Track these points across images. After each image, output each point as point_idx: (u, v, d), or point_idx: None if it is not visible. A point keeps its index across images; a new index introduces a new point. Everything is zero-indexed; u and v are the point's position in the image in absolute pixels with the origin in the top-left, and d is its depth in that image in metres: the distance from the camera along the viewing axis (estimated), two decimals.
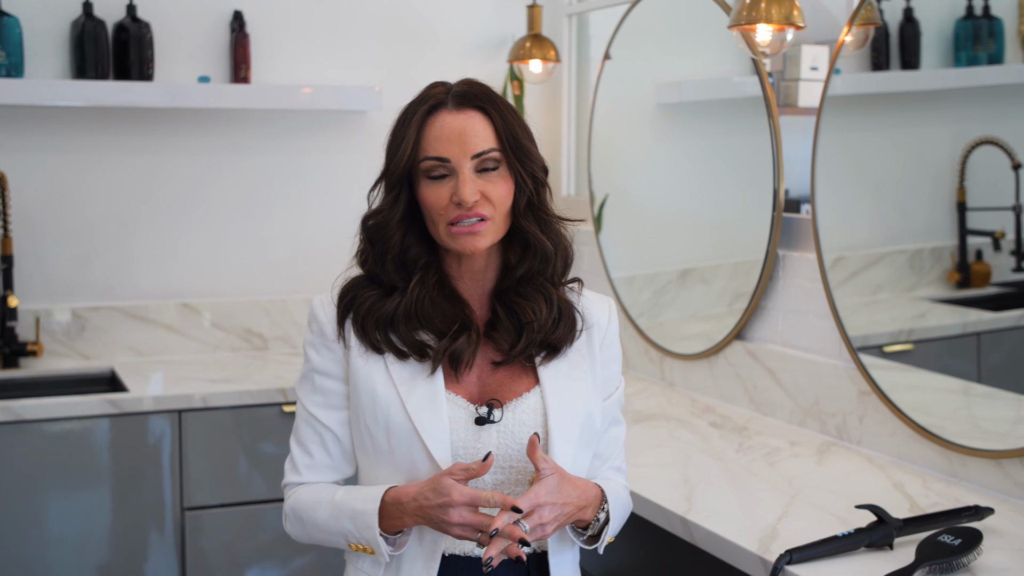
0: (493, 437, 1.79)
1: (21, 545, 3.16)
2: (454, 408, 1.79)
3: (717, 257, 3.32)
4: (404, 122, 1.81)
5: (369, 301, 1.82)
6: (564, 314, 1.85)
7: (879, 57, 2.79)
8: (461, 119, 1.78)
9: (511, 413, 1.80)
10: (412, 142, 1.78)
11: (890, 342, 2.80)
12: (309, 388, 1.87)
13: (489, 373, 1.83)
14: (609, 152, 3.75)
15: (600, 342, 1.91)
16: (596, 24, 3.98)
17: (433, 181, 1.78)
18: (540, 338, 1.82)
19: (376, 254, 1.82)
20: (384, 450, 1.79)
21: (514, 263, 1.84)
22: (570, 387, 1.84)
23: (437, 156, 1.77)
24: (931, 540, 1.99)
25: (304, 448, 1.87)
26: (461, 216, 1.75)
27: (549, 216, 1.85)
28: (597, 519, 1.82)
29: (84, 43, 3.53)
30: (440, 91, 1.82)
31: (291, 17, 3.87)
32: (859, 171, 2.86)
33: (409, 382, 1.79)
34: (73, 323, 3.69)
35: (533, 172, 1.82)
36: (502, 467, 1.79)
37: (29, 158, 3.62)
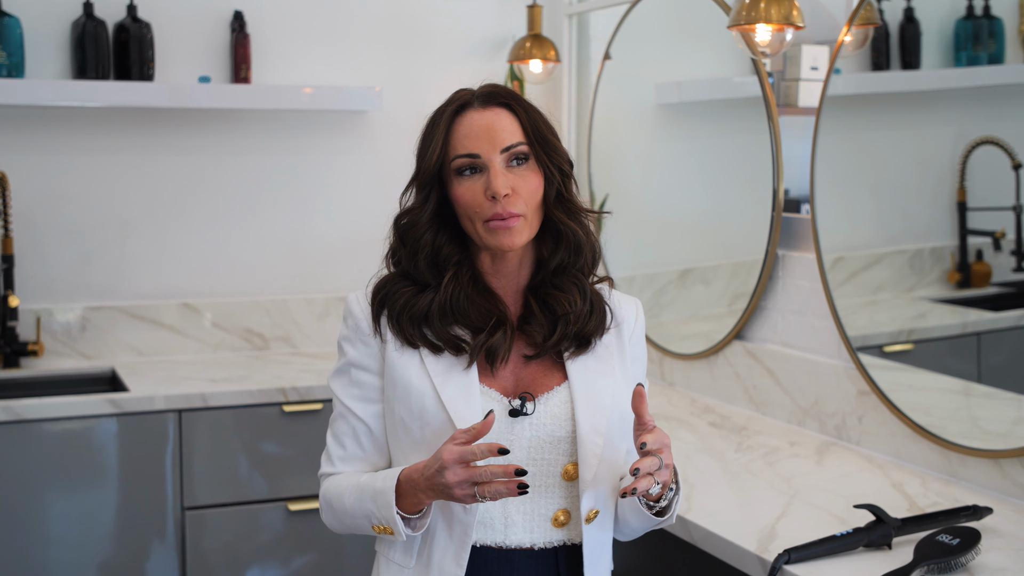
0: (526, 429, 1.81)
1: (22, 544, 3.16)
2: (489, 401, 1.81)
3: (717, 257, 3.33)
4: (433, 124, 1.85)
5: (404, 297, 1.85)
6: (596, 306, 1.88)
7: (879, 57, 2.79)
8: (488, 115, 1.82)
9: (543, 406, 1.83)
10: (441, 142, 1.82)
11: (890, 342, 2.80)
12: (345, 382, 1.90)
13: (522, 367, 1.86)
14: (609, 152, 3.75)
15: (629, 337, 1.93)
16: (596, 24, 3.98)
17: (465, 178, 1.81)
18: (574, 330, 1.85)
19: (409, 252, 1.86)
20: (419, 441, 1.82)
21: (547, 256, 1.86)
22: (598, 381, 1.86)
23: (467, 153, 1.80)
24: (929, 540, 1.99)
25: (338, 440, 1.90)
26: (498, 214, 1.78)
27: (578, 207, 1.88)
28: (671, 488, 1.83)
29: (85, 43, 3.54)
30: (466, 93, 1.86)
31: (291, 17, 3.87)
32: (859, 171, 2.86)
33: (444, 374, 1.81)
34: (74, 323, 3.69)
35: (560, 165, 1.85)
36: (533, 459, 1.81)
37: (30, 158, 3.62)
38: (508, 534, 1.83)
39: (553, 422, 1.82)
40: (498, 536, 1.82)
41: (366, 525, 1.82)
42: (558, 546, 1.85)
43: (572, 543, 1.86)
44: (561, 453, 1.82)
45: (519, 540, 1.83)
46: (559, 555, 1.85)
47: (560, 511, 1.84)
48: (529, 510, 1.83)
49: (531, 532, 1.83)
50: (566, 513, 1.84)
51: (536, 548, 1.84)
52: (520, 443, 1.81)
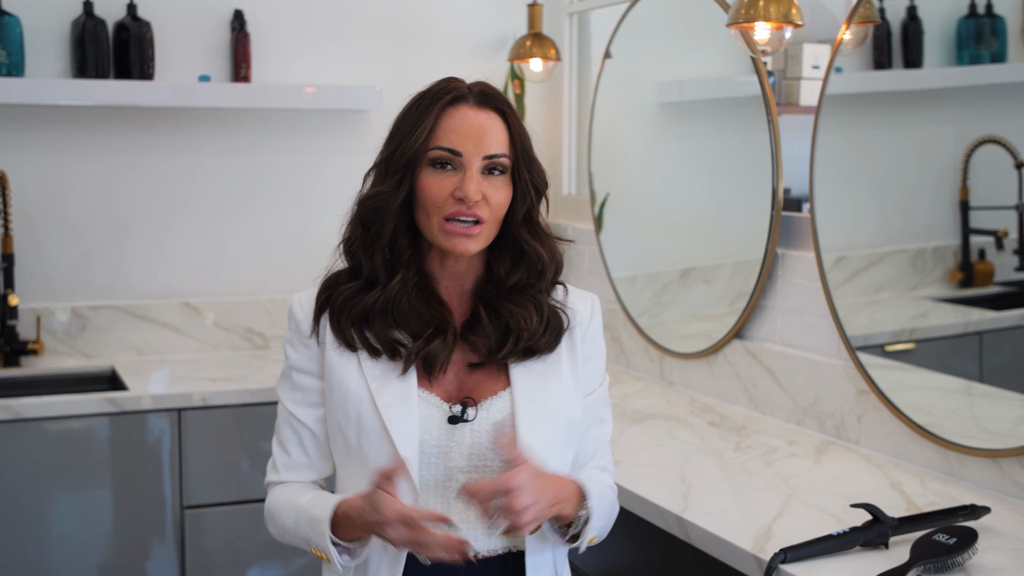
0: (467, 436, 1.77)
1: (21, 543, 3.16)
2: (428, 407, 1.78)
3: (719, 257, 3.32)
4: (422, 108, 1.78)
5: (346, 294, 1.80)
6: (552, 323, 1.84)
7: (881, 56, 2.79)
8: (482, 117, 1.77)
9: (484, 412, 1.79)
10: (429, 128, 1.76)
11: (891, 341, 2.79)
12: (288, 386, 1.86)
13: (466, 373, 1.82)
14: (610, 151, 3.74)
15: (581, 338, 1.89)
16: (597, 23, 3.98)
17: (437, 171, 1.76)
18: (524, 345, 1.81)
19: (367, 239, 1.80)
20: (355, 448, 1.78)
21: (503, 272, 1.83)
22: (544, 386, 1.82)
23: (451, 148, 1.75)
24: (926, 539, 1.98)
25: (283, 447, 1.87)
26: (459, 212, 1.74)
27: (545, 230, 1.85)
28: (579, 516, 1.79)
29: (85, 42, 3.53)
30: (461, 85, 1.81)
31: (291, 16, 3.87)
32: (861, 170, 2.85)
33: (381, 379, 1.77)
34: (74, 322, 3.69)
35: (537, 184, 1.82)
36: (476, 466, 1.78)
37: (30, 157, 3.62)
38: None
39: (495, 428, 1.78)
40: None
41: (305, 547, 1.79)
42: (503, 554, 1.81)
43: (518, 550, 1.82)
44: (504, 460, 1.77)
45: None
46: (507, 563, 1.81)
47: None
48: (472, 519, 1.77)
49: (475, 540, 1.78)
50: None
51: (480, 557, 1.80)
52: (461, 450, 1.77)
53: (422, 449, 1.76)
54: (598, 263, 3.73)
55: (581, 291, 1.94)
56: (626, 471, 2.56)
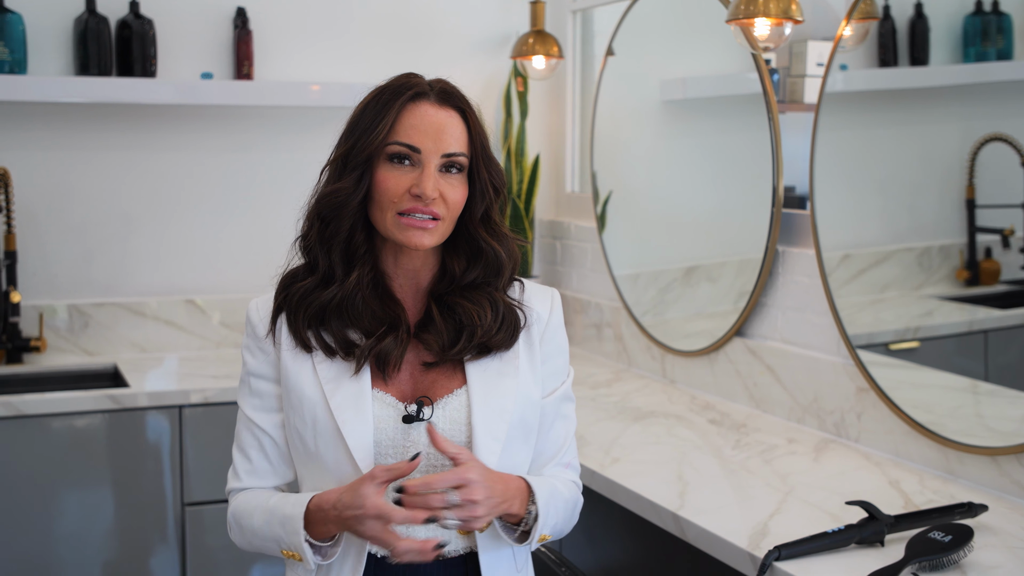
0: (422, 435, 1.76)
1: (23, 540, 3.16)
2: (382, 407, 1.77)
3: (723, 255, 3.30)
4: (381, 103, 1.77)
5: (302, 291, 1.80)
6: (507, 320, 1.83)
7: (887, 53, 2.77)
8: (442, 115, 1.77)
9: (441, 411, 1.78)
10: (390, 125, 1.75)
11: (896, 340, 2.78)
12: (246, 392, 1.85)
13: (421, 372, 1.81)
14: (613, 149, 3.74)
15: (540, 336, 1.88)
16: (600, 20, 3.97)
17: (394, 166, 1.76)
18: (478, 341, 1.80)
19: (325, 236, 1.79)
20: (312, 451, 1.77)
21: (458, 271, 1.82)
22: (500, 383, 1.81)
23: (409, 144, 1.75)
24: (921, 537, 1.97)
25: (244, 453, 1.85)
26: (415, 208, 1.74)
27: (503, 230, 1.84)
28: (529, 512, 1.78)
29: (87, 40, 3.54)
30: (422, 81, 1.81)
31: (293, 14, 3.87)
32: (867, 168, 2.84)
33: (335, 380, 1.77)
34: (76, 319, 3.69)
35: (495, 183, 1.82)
36: (433, 465, 1.77)
37: (32, 154, 3.63)
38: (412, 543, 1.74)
39: (452, 427, 1.77)
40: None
41: (275, 548, 1.77)
42: (464, 554, 1.80)
43: (471, 550, 1.81)
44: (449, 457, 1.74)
45: None
46: (467, 563, 1.80)
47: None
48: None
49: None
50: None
51: (441, 557, 1.79)
52: (416, 449, 1.76)
53: (377, 449, 1.75)
54: (600, 261, 3.72)
55: (540, 287, 1.93)
56: (623, 468, 2.55)
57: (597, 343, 3.78)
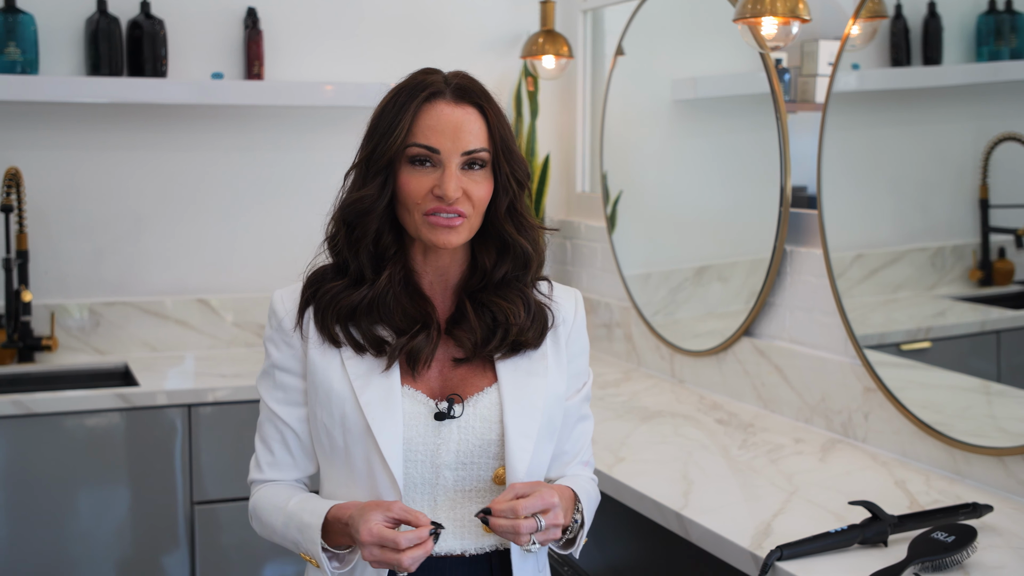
0: (453, 433, 1.76)
1: (36, 537, 3.18)
2: (413, 404, 1.76)
3: (734, 254, 3.30)
4: (398, 105, 1.76)
5: (332, 292, 1.79)
6: (538, 318, 1.84)
7: (899, 53, 2.76)
8: (459, 113, 1.75)
9: (471, 408, 1.78)
10: (407, 127, 1.74)
11: (908, 340, 2.77)
12: (270, 384, 1.85)
13: (451, 369, 1.81)
14: (623, 148, 3.73)
15: (567, 337, 1.88)
16: (611, 19, 3.96)
17: (416, 168, 1.75)
18: (512, 340, 1.80)
19: (352, 239, 1.79)
20: (340, 447, 1.77)
21: (489, 265, 1.82)
22: (529, 382, 1.81)
23: (428, 145, 1.73)
24: (924, 537, 1.96)
25: (266, 445, 1.85)
26: (439, 209, 1.73)
27: (529, 221, 1.83)
28: (575, 520, 1.80)
29: (98, 40, 3.55)
30: (438, 79, 1.79)
31: (303, 14, 3.88)
32: (879, 167, 2.83)
33: (364, 377, 1.76)
34: (87, 318, 3.71)
35: (518, 176, 1.80)
36: (462, 463, 1.77)
37: (44, 154, 3.64)
38: (439, 542, 1.76)
39: (482, 425, 1.77)
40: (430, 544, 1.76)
41: (293, 549, 1.78)
42: (490, 551, 1.80)
43: (504, 547, 1.81)
44: (491, 457, 1.78)
45: (449, 547, 1.78)
46: (492, 561, 1.81)
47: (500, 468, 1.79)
48: (460, 516, 1.78)
49: (462, 539, 1.79)
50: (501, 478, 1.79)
51: (467, 555, 1.79)
52: (448, 447, 1.76)
53: (407, 447, 1.75)
54: (610, 261, 3.72)
55: (564, 287, 1.93)
56: (629, 468, 2.55)
57: (607, 343, 3.78)
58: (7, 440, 3.14)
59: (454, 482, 1.78)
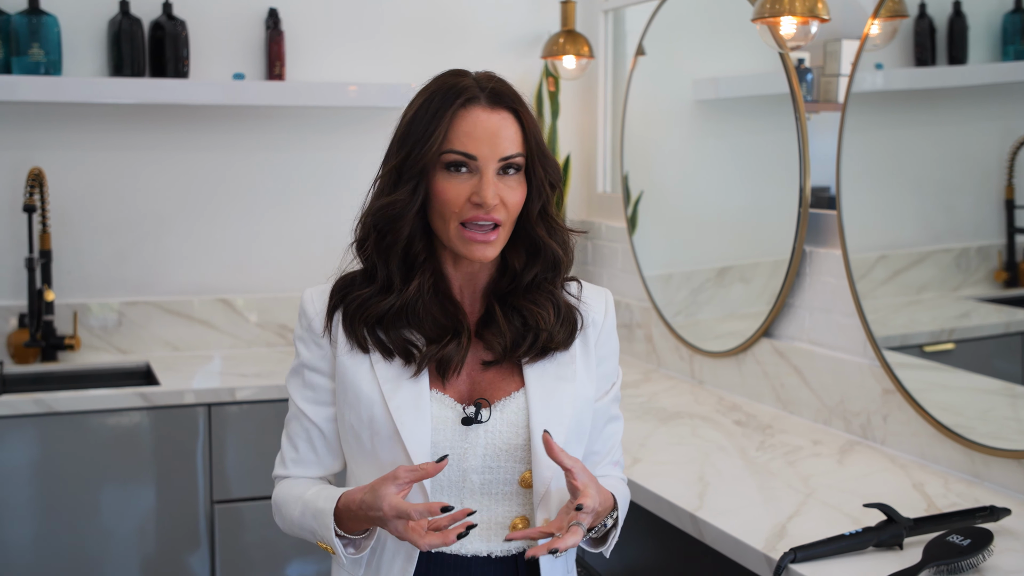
0: (481, 437, 1.76)
1: (58, 535, 3.20)
2: (441, 408, 1.76)
3: (756, 255, 3.28)
4: (432, 110, 1.74)
5: (361, 299, 1.78)
6: (567, 320, 1.83)
7: (923, 52, 2.74)
8: (495, 119, 1.73)
9: (499, 413, 1.77)
10: (444, 134, 1.72)
11: (931, 342, 2.75)
12: (299, 383, 1.85)
13: (479, 372, 1.80)
14: (644, 149, 3.72)
15: (596, 339, 1.87)
16: (632, 20, 3.95)
17: (452, 175, 1.72)
18: (543, 344, 1.79)
19: (383, 245, 1.77)
20: (368, 450, 1.77)
21: (519, 267, 1.81)
22: (558, 387, 1.80)
23: (465, 152, 1.71)
24: (939, 540, 1.95)
25: (292, 442, 1.86)
26: (477, 217, 1.71)
27: (559, 223, 1.82)
28: (604, 524, 1.78)
29: (121, 41, 3.57)
30: (471, 83, 1.76)
31: (324, 14, 3.88)
32: (902, 168, 2.81)
33: (394, 381, 1.76)
34: (110, 318, 3.73)
35: (552, 179, 1.79)
36: (489, 467, 1.77)
37: (67, 154, 3.67)
38: (465, 542, 1.77)
39: (509, 429, 1.77)
40: (454, 545, 1.75)
41: (312, 539, 1.78)
42: (517, 553, 1.80)
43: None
44: (518, 461, 1.77)
45: (476, 548, 1.78)
46: (519, 563, 1.80)
47: (518, 519, 1.79)
48: (487, 518, 1.78)
49: (488, 541, 1.78)
50: (524, 521, 1.79)
51: (494, 556, 1.79)
52: (475, 451, 1.76)
53: (435, 451, 1.74)
54: (631, 261, 3.71)
55: (594, 287, 1.92)
56: (645, 469, 2.54)
57: (627, 343, 3.77)
58: (30, 438, 3.16)
59: (480, 485, 1.77)
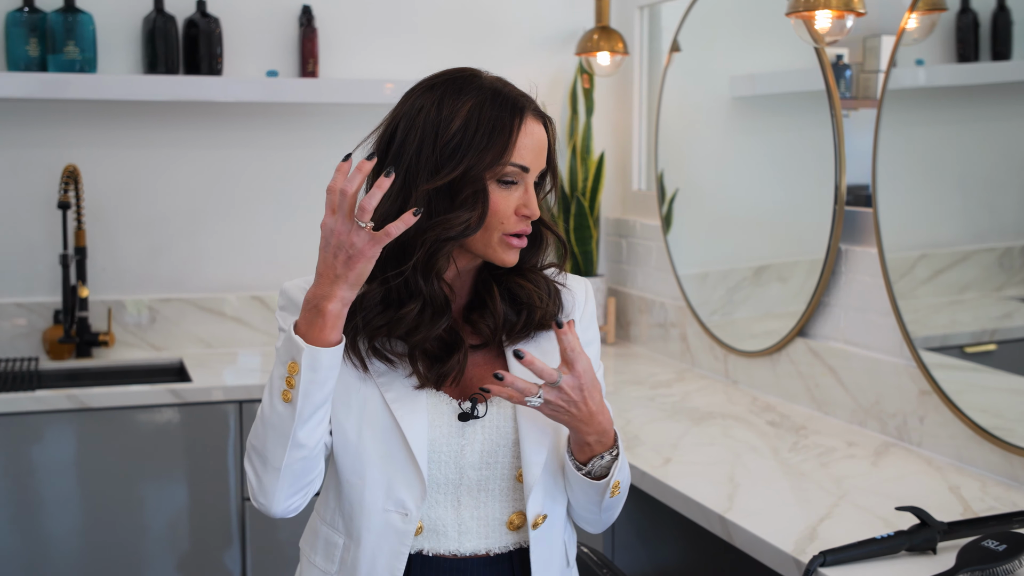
0: (478, 433, 1.73)
1: (94, 530, 3.21)
2: (437, 402, 1.73)
3: (794, 254, 3.23)
4: (492, 121, 1.67)
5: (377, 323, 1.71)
6: (554, 296, 1.81)
7: (966, 48, 2.69)
8: (540, 131, 1.72)
9: (495, 407, 1.74)
10: (512, 146, 1.67)
11: (972, 342, 2.70)
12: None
13: (470, 367, 1.76)
14: (679, 146, 3.68)
15: (579, 324, 1.84)
16: (668, 16, 3.91)
17: (504, 188, 1.69)
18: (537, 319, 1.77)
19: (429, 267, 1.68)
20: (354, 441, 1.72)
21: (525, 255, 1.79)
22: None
23: (523, 165, 1.68)
24: (974, 545, 1.90)
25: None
26: (524, 229, 1.70)
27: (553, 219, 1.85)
28: (602, 456, 1.71)
29: (155, 38, 3.58)
30: (521, 97, 1.72)
31: (358, 11, 3.87)
32: (944, 165, 2.76)
33: (387, 375, 1.72)
34: (144, 314, 3.74)
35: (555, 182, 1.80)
36: (487, 463, 1.73)
37: (101, 152, 3.68)
38: (462, 541, 1.74)
39: (506, 423, 1.74)
40: (451, 544, 1.74)
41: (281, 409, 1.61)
42: (513, 550, 1.77)
43: (527, 545, 1.77)
44: (515, 455, 1.74)
45: (474, 547, 1.75)
46: (513, 559, 1.77)
47: (515, 514, 1.76)
48: (484, 515, 1.74)
49: (486, 538, 1.75)
50: (521, 516, 1.76)
51: (491, 554, 1.76)
52: (472, 447, 1.72)
53: (432, 447, 1.71)
54: (665, 260, 3.67)
55: (573, 277, 1.89)
56: (675, 469, 2.51)
57: (661, 343, 3.73)
58: (64, 434, 3.18)
59: (477, 481, 1.74)
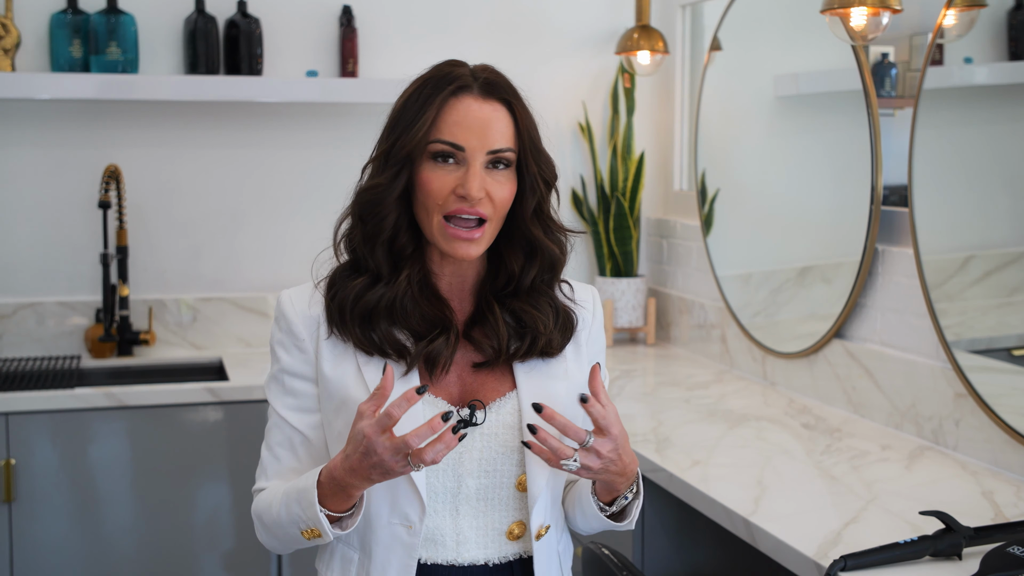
0: (476, 440, 1.70)
1: (139, 527, 3.24)
2: (434, 410, 1.68)
3: (839, 255, 3.19)
4: (423, 97, 1.69)
5: (355, 291, 1.72)
6: (565, 325, 1.77)
7: (1018, 46, 2.64)
8: (487, 110, 1.68)
9: (494, 415, 1.71)
10: (431, 121, 1.68)
11: (1020, 345, 2.64)
12: (279, 390, 1.76)
13: (469, 374, 1.74)
14: (721, 146, 3.65)
15: (587, 339, 1.82)
16: (710, 15, 3.88)
17: (438, 165, 1.67)
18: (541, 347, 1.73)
19: (367, 234, 1.72)
20: None
21: (517, 270, 1.75)
22: (549, 387, 1.73)
23: (453, 142, 1.66)
24: (999, 551, 1.85)
25: (273, 452, 1.77)
26: (461, 210, 1.66)
27: (556, 223, 1.77)
28: (625, 496, 1.71)
29: (196, 39, 3.61)
30: (465, 72, 1.71)
31: (398, 11, 3.88)
32: (993, 165, 2.71)
33: None
34: (185, 314, 3.77)
35: (546, 176, 1.73)
36: (485, 471, 1.71)
37: (143, 152, 3.71)
38: (460, 551, 1.71)
39: (505, 431, 1.70)
40: (449, 554, 1.71)
41: (296, 533, 1.67)
42: (513, 560, 1.74)
43: (527, 555, 1.75)
44: (515, 464, 1.71)
45: (473, 557, 1.72)
46: (514, 569, 1.74)
47: (515, 524, 1.73)
48: (483, 525, 1.72)
49: (485, 548, 1.72)
50: (521, 526, 1.74)
51: (491, 564, 1.73)
52: (471, 455, 1.70)
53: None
54: (706, 261, 3.63)
55: (580, 285, 1.86)
56: (704, 472, 2.48)
57: (701, 344, 3.70)
58: (104, 431, 3.21)
59: (476, 490, 1.71)
